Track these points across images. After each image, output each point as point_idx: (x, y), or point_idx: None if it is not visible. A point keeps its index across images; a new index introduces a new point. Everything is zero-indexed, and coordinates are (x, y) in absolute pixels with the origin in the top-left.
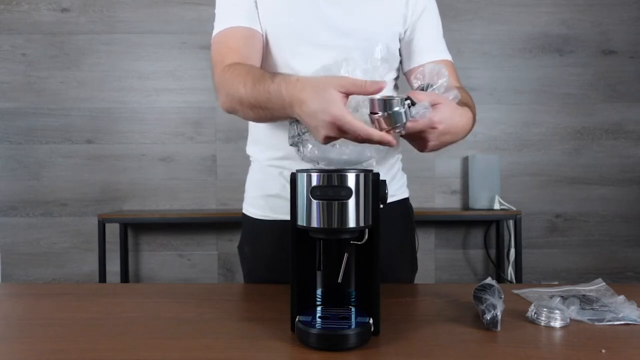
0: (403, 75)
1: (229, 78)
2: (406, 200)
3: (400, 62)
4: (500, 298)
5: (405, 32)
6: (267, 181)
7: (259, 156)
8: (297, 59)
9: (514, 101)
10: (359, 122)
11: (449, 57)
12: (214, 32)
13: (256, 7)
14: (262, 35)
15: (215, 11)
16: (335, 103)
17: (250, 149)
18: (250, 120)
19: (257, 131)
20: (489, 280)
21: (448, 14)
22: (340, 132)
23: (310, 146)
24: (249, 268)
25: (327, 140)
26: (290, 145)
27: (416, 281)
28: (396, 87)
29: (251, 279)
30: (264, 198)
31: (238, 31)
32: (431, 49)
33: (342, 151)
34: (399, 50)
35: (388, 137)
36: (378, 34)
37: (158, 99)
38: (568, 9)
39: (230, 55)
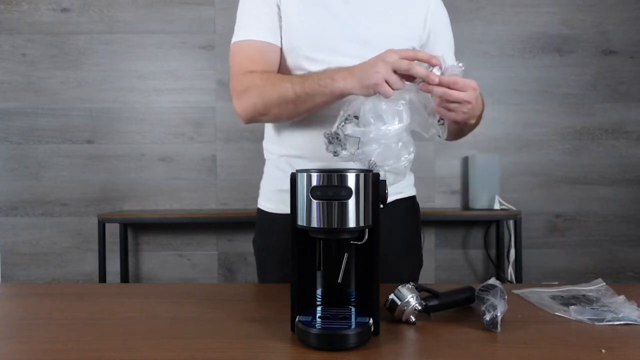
0: None
1: (264, 83)
2: (413, 197)
3: None
4: (504, 299)
5: (420, 47)
6: (280, 177)
7: (273, 150)
8: (312, 64)
9: (514, 101)
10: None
11: None
12: (235, 39)
13: (279, 17)
14: (280, 49)
15: (238, 14)
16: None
17: (266, 145)
18: (282, 118)
19: (273, 129)
20: (492, 280)
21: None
22: (398, 58)
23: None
24: (262, 260)
25: (383, 74)
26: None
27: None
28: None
29: (263, 272)
30: (277, 193)
31: (258, 44)
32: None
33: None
34: None
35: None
36: (395, 46)
37: (158, 99)
38: (568, 9)
39: (251, 65)
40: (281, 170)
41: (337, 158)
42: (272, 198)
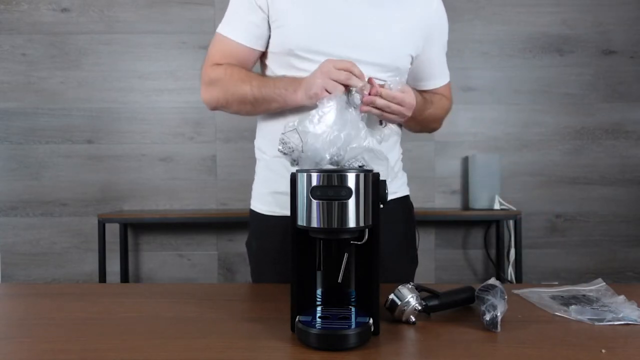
0: None
1: (228, 79)
2: (407, 197)
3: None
4: (503, 299)
5: (419, 53)
6: (274, 178)
7: (267, 150)
8: (305, 63)
9: (514, 101)
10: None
11: (448, 78)
12: (219, 29)
13: (267, 20)
14: (255, 51)
15: (229, 5)
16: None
17: (258, 144)
18: (242, 114)
19: (267, 128)
20: (492, 280)
21: (448, 14)
22: (334, 68)
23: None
24: (257, 263)
25: (321, 82)
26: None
27: (416, 281)
28: None
29: (258, 274)
30: (272, 195)
31: (233, 45)
32: (438, 76)
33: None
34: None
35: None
36: (394, 53)
37: (158, 99)
38: (568, 9)
39: (222, 60)
40: (274, 171)
41: (302, 161)
42: (266, 200)
